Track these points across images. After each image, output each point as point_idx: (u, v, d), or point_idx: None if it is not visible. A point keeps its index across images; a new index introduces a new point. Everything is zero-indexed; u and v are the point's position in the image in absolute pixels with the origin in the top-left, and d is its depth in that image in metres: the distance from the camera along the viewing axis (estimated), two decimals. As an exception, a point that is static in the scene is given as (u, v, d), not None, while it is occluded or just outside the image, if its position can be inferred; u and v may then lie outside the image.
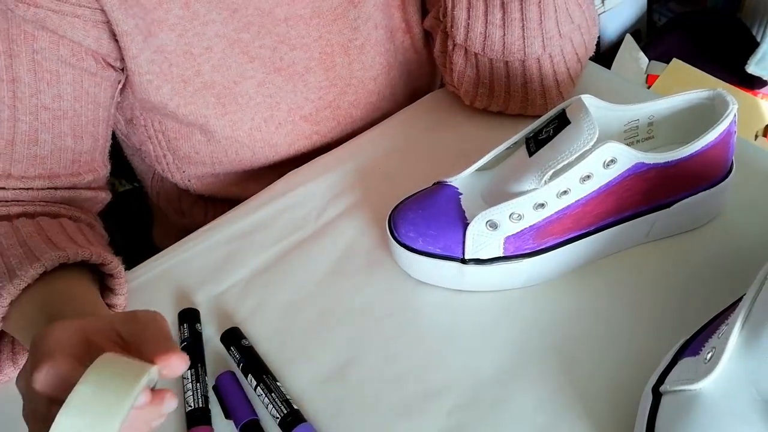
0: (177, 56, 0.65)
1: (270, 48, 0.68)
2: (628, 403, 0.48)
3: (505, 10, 0.63)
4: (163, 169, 0.77)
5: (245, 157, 0.73)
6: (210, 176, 0.77)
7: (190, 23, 0.64)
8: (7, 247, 0.53)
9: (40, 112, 0.59)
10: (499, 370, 0.53)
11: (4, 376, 0.54)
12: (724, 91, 0.56)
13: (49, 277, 0.51)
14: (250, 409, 0.52)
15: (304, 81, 0.71)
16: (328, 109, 0.74)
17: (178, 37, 0.64)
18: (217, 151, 0.72)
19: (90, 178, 0.64)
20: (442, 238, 0.56)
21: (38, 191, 0.61)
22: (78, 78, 0.61)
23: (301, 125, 0.73)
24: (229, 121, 0.69)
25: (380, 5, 0.73)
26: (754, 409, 0.41)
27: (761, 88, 1.43)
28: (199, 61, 0.66)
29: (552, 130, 0.55)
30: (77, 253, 0.52)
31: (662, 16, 1.72)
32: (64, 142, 0.61)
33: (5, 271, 0.51)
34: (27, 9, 0.56)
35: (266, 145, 0.72)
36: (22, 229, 0.55)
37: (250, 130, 0.70)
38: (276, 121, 0.71)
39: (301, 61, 0.70)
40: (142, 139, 0.74)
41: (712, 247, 0.59)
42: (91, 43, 0.60)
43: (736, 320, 0.44)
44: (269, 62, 0.69)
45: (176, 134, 0.72)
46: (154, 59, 0.64)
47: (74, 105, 0.61)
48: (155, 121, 0.71)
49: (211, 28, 0.65)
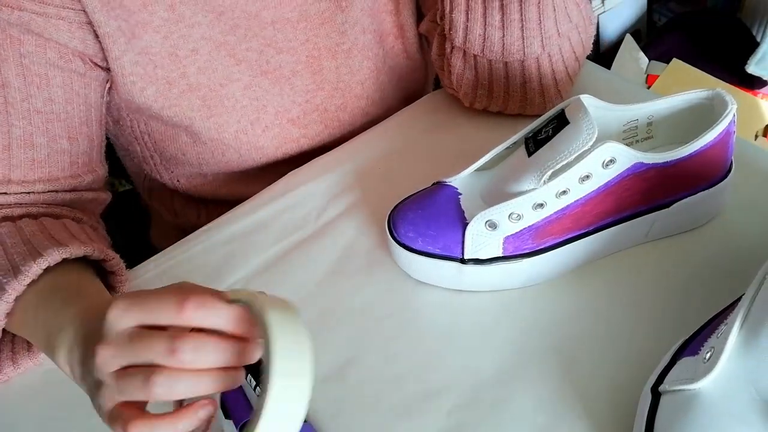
0: (162, 58, 0.64)
1: (257, 51, 0.68)
2: (627, 403, 0.48)
3: (504, 12, 0.63)
4: (151, 169, 0.77)
5: (232, 159, 0.72)
6: (198, 176, 0.77)
7: (175, 25, 0.63)
8: (10, 246, 0.54)
9: (33, 117, 0.59)
10: (498, 370, 0.53)
11: (3, 376, 0.55)
12: (723, 91, 0.56)
13: (52, 272, 0.52)
14: (249, 409, 0.52)
15: (291, 84, 0.71)
16: (315, 112, 0.74)
17: (163, 39, 0.64)
18: (203, 152, 0.72)
19: (90, 179, 0.64)
20: (441, 238, 0.56)
21: (40, 195, 0.61)
22: (67, 80, 0.61)
23: (288, 128, 0.73)
24: (215, 124, 0.69)
25: (368, 10, 0.73)
26: (753, 408, 0.42)
27: (761, 88, 1.44)
28: (184, 63, 0.65)
29: (551, 130, 0.55)
30: (80, 248, 0.53)
31: (662, 16, 1.72)
32: (60, 145, 0.61)
33: (10, 268, 0.51)
34: (11, 13, 0.56)
35: (252, 148, 0.72)
36: (26, 228, 0.56)
37: (236, 132, 0.70)
38: (263, 124, 0.71)
39: (288, 64, 0.70)
40: (129, 139, 0.74)
41: (712, 247, 0.59)
42: (77, 45, 0.60)
43: (735, 320, 0.44)
44: (256, 65, 0.69)
45: (162, 136, 0.72)
46: (138, 61, 0.64)
47: (66, 107, 0.61)
48: (141, 123, 0.71)
49: (197, 30, 0.65)
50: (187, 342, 0.38)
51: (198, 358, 0.38)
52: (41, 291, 0.51)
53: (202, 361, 0.39)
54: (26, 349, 0.55)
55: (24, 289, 0.51)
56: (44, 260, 0.51)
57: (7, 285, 0.50)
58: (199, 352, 0.38)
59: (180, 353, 0.38)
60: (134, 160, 0.78)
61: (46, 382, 0.55)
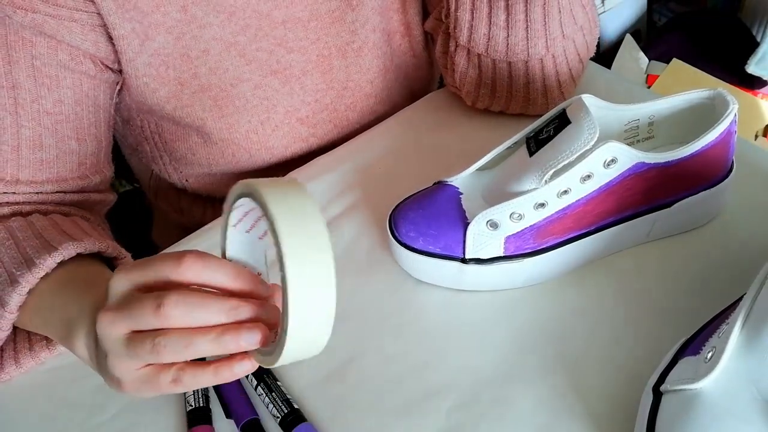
0: (174, 59, 0.65)
1: (267, 51, 0.68)
2: (628, 403, 0.48)
3: (509, 12, 0.63)
4: (160, 169, 0.77)
5: (242, 159, 0.73)
6: (207, 176, 0.77)
7: (187, 26, 0.64)
8: (22, 239, 0.54)
9: (42, 118, 0.59)
10: (499, 369, 0.53)
11: (6, 375, 0.54)
12: (724, 91, 0.56)
13: (65, 266, 0.52)
14: (250, 408, 0.52)
15: (301, 84, 0.71)
16: (324, 111, 0.74)
17: (175, 40, 0.64)
18: (213, 153, 0.72)
19: (97, 179, 0.65)
20: (442, 238, 0.56)
21: (48, 195, 0.61)
22: (78, 82, 0.61)
23: (298, 128, 0.73)
24: (226, 124, 0.69)
25: (378, 8, 0.73)
26: (754, 408, 0.42)
27: (761, 88, 1.44)
28: (196, 63, 0.66)
29: (552, 129, 0.55)
30: (94, 243, 0.54)
31: (662, 16, 1.72)
32: (69, 146, 0.62)
33: (23, 261, 0.52)
34: (25, 15, 0.56)
35: (263, 148, 0.72)
36: (37, 223, 0.56)
37: (246, 132, 0.70)
38: (273, 123, 0.71)
39: (298, 63, 0.70)
40: (139, 139, 0.74)
41: (713, 247, 0.59)
42: (89, 47, 0.60)
43: (737, 320, 0.44)
44: (266, 65, 0.69)
45: (172, 136, 0.72)
46: (151, 62, 0.64)
47: (75, 108, 0.61)
48: (151, 123, 0.71)
49: (208, 31, 0.65)
50: (170, 295, 0.37)
51: (185, 313, 0.38)
52: (55, 283, 0.51)
53: (193, 318, 0.38)
54: (28, 349, 0.55)
55: (37, 282, 0.51)
56: (59, 253, 0.51)
57: (21, 277, 0.50)
58: (182, 305, 0.37)
59: (165, 308, 0.37)
60: (143, 160, 0.78)
61: (47, 381, 0.55)
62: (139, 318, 0.39)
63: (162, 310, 0.37)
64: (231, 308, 0.38)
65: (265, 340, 0.38)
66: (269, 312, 0.39)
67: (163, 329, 0.38)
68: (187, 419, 0.51)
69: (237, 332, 0.38)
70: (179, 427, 0.51)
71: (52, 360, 0.56)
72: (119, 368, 0.41)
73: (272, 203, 0.36)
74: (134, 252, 0.65)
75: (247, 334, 0.38)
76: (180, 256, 0.39)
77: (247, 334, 0.38)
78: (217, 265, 0.39)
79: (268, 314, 0.39)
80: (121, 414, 0.52)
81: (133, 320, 0.39)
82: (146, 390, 0.41)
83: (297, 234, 0.35)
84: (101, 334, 0.40)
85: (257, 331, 0.38)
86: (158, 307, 0.37)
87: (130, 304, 0.39)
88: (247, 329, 0.38)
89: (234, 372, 0.39)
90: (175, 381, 0.40)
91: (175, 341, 0.38)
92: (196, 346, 0.38)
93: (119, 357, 0.40)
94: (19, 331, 0.55)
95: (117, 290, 0.40)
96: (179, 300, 0.38)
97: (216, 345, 0.38)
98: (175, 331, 0.38)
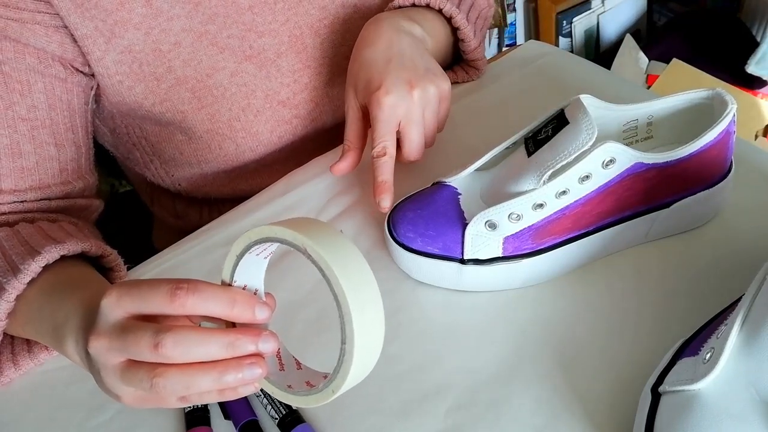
0: (146, 55, 0.64)
1: (238, 37, 0.68)
2: (627, 403, 0.48)
3: None
4: (153, 174, 0.78)
5: (229, 150, 0.73)
6: (199, 177, 0.77)
7: (154, 20, 0.63)
8: (8, 248, 0.54)
9: (18, 125, 0.59)
10: (497, 370, 0.53)
11: (5, 378, 0.55)
12: (723, 91, 0.56)
13: (52, 270, 0.52)
14: (249, 409, 0.52)
15: (277, 66, 0.71)
16: (304, 91, 0.74)
17: (144, 36, 0.64)
18: (200, 148, 0.72)
19: (80, 185, 0.65)
20: (441, 238, 0.56)
21: (33, 203, 0.61)
22: (49, 86, 0.61)
23: (280, 111, 0.73)
24: (207, 114, 0.69)
25: None
26: (753, 409, 0.41)
27: (761, 88, 1.44)
28: (169, 57, 0.65)
29: (551, 130, 0.55)
30: (77, 244, 0.54)
31: (662, 16, 1.72)
32: (48, 152, 0.61)
33: (9, 269, 0.52)
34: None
35: (248, 135, 0.72)
36: (23, 231, 0.56)
37: (229, 120, 0.70)
38: (254, 109, 0.71)
39: (271, 46, 0.70)
40: (128, 147, 0.75)
41: (711, 247, 0.59)
42: (55, 49, 0.60)
43: (735, 320, 0.44)
44: (239, 51, 0.69)
45: (157, 137, 0.72)
46: (121, 60, 0.64)
47: (50, 113, 0.61)
48: (136, 127, 0.71)
49: (176, 23, 0.65)
50: (168, 335, 0.37)
51: (184, 352, 0.37)
52: (42, 288, 0.51)
53: (191, 355, 0.38)
54: (26, 350, 0.55)
55: (24, 288, 0.51)
56: (42, 258, 0.51)
57: (8, 285, 0.50)
58: (181, 346, 0.37)
59: (162, 348, 0.37)
60: (135, 168, 0.78)
61: (46, 382, 0.55)
62: (136, 352, 0.38)
63: (160, 350, 0.37)
64: (229, 344, 0.38)
65: (266, 373, 0.39)
66: (267, 343, 0.39)
67: (161, 364, 0.38)
68: (186, 420, 0.51)
69: (238, 369, 0.38)
70: (178, 428, 0.51)
71: (51, 361, 0.56)
72: (116, 389, 0.41)
73: (334, 265, 0.38)
74: (134, 253, 0.65)
75: (249, 372, 0.39)
76: (173, 292, 0.38)
77: (249, 371, 0.39)
78: (212, 294, 0.39)
79: (266, 345, 0.39)
80: (120, 415, 0.52)
81: (129, 353, 0.39)
82: (149, 405, 0.41)
83: (360, 304, 0.38)
84: (95, 358, 0.40)
85: (258, 368, 0.39)
86: (156, 346, 0.37)
87: (126, 335, 0.39)
88: (248, 367, 0.39)
89: (239, 393, 0.40)
90: (183, 399, 0.40)
91: (175, 382, 0.38)
92: (197, 387, 0.38)
93: (115, 382, 0.40)
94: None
95: (109, 317, 0.40)
96: (177, 340, 0.37)
97: (218, 385, 0.38)
98: (174, 369, 0.38)
